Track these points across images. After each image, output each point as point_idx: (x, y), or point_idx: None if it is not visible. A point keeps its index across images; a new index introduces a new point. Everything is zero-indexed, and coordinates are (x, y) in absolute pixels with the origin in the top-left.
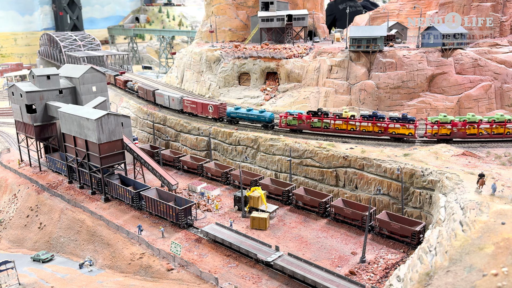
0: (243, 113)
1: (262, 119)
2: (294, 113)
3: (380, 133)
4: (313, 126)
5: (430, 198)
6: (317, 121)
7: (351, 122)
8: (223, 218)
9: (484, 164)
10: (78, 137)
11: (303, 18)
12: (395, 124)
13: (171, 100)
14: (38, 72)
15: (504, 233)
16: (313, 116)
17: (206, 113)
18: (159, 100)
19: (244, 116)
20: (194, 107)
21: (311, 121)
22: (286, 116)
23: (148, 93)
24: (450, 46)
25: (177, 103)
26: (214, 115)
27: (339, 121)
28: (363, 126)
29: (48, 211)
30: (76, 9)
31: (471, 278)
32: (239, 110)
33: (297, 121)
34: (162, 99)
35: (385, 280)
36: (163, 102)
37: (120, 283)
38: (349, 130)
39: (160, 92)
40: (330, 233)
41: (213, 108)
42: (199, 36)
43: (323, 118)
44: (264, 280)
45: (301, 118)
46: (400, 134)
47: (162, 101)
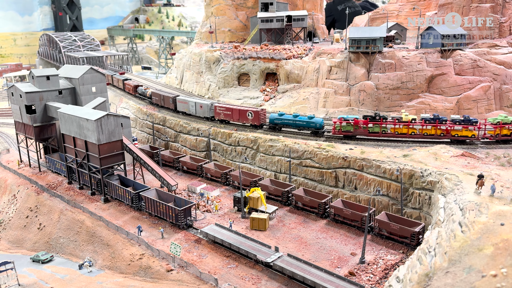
0: (289, 120)
1: (312, 125)
2: (349, 118)
3: (442, 136)
4: (370, 132)
5: (429, 199)
6: (375, 126)
7: (412, 126)
8: (222, 219)
9: (483, 165)
10: (77, 137)
11: (302, 19)
12: (457, 127)
13: (198, 107)
14: (37, 73)
15: (503, 234)
16: (371, 121)
17: (244, 120)
18: (182, 107)
19: (290, 122)
20: (229, 113)
21: (369, 126)
22: (340, 122)
23: (166, 99)
24: (449, 47)
25: (206, 110)
26: (254, 122)
27: (399, 125)
28: (425, 130)
29: (47, 212)
30: (76, 10)
31: (470, 279)
32: (284, 116)
33: (352, 126)
34: (185, 106)
35: (385, 281)
36: (187, 109)
37: (119, 284)
38: (409, 134)
39: (183, 99)
40: (329, 234)
41: (253, 115)
42: (199, 37)
43: (382, 122)
44: (263, 281)
45: (358, 123)
46: (463, 136)
47: (186, 108)
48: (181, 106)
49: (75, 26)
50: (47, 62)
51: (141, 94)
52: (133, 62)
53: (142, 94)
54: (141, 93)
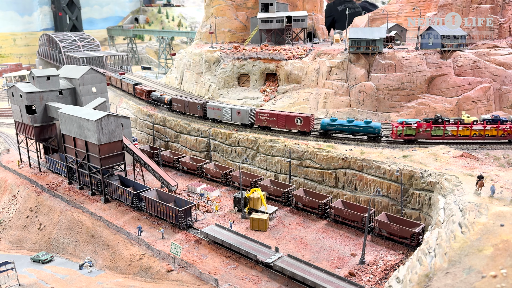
0: (343, 125)
1: (370, 130)
2: (411, 121)
3: (503, 136)
4: (433, 135)
5: (429, 200)
6: (437, 129)
7: (474, 127)
8: (223, 219)
9: (483, 165)
10: (78, 138)
11: (302, 20)
12: None
13: (234, 114)
14: (38, 73)
15: (503, 235)
16: (433, 124)
17: (292, 126)
18: (213, 114)
19: (345, 128)
20: (273, 120)
21: (431, 129)
22: (402, 126)
23: (192, 106)
24: (449, 48)
25: (245, 116)
26: (304, 128)
27: (462, 127)
28: (487, 131)
29: (47, 212)
30: (75, 10)
31: (470, 279)
32: (337, 121)
33: (415, 130)
34: (218, 113)
35: (385, 281)
36: (219, 116)
37: (120, 284)
38: (472, 136)
39: (216, 105)
40: (329, 234)
41: (303, 121)
42: (199, 37)
43: (445, 125)
44: (264, 281)
45: (421, 126)
46: None
47: (219, 115)
48: (212, 112)
49: (75, 26)
50: (47, 62)
51: (157, 100)
52: (133, 62)
53: (158, 101)
54: (156, 99)
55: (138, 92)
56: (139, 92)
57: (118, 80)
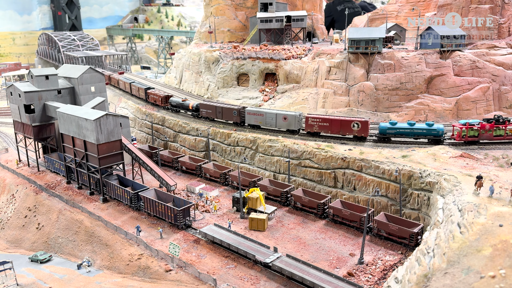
0: (405, 128)
1: (433, 133)
2: (474, 123)
3: None
4: (495, 135)
5: (428, 200)
6: (499, 129)
7: None
8: (221, 219)
9: (482, 166)
10: (76, 137)
11: (302, 19)
12: None
13: (280, 120)
14: (36, 72)
15: (501, 235)
16: (496, 124)
17: (347, 131)
18: (253, 120)
19: (407, 131)
20: (326, 125)
21: (493, 130)
22: (467, 128)
23: (226, 112)
24: (448, 48)
25: (293, 122)
26: (361, 133)
27: None
28: None
29: (46, 212)
30: (75, 9)
31: (469, 280)
32: (398, 125)
33: (478, 131)
34: (260, 119)
35: (383, 281)
36: (261, 123)
37: (118, 284)
38: None
39: (257, 110)
40: (328, 234)
41: (360, 125)
42: (198, 37)
43: (506, 124)
44: (262, 281)
45: (484, 127)
46: None
47: (260, 121)
48: (252, 118)
49: (74, 25)
50: (46, 62)
51: (177, 106)
52: (132, 62)
53: (180, 107)
54: (176, 105)
55: (152, 98)
56: (153, 98)
57: (127, 84)
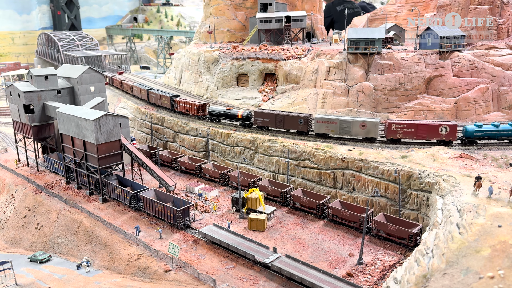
0: (491, 130)
1: None
2: None
3: None
4: None
5: (427, 200)
6: None
7: None
8: (221, 219)
9: (481, 166)
10: (76, 137)
11: (301, 20)
12: None
13: (357, 127)
14: (36, 72)
15: (500, 236)
16: None
17: (435, 136)
18: (323, 129)
19: (493, 133)
20: (411, 131)
21: None
22: None
23: (288, 121)
24: (447, 49)
25: (373, 129)
26: (449, 137)
27: None
28: None
29: (45, 212)
30: (74, 9)
31: (468, 280)
32: (483, 127)
33: None
34: (332, 127)
35: (382, 282)
36: (333, 131)
37: (117, 284)
38: None
39: (328, 118)
40: (327, 234)
41: (448, 129)
42: (198, 37)
43: None
44: (261, 282)
45: None
46: None
47: (333, 129)
48: (323, 127)
49: (74, 25)
50: (45, 61)
51: (221, 115)
52: (131, 62)
53: (223, 116)
54: (219, 114)
55: (182, 107)
56: (183, 107)
57: (143, 91)
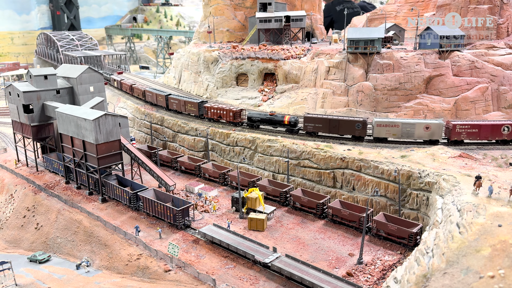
0: None
1: None
2: None
3: None
4: None
5: (427, 200)
6: None
7: None
8: (220, 219)
9: (481, 166)
10: (75, 137)
11: (301, 19)
12: None
13: (421, 129)
14: (35, 72)
15: (500, 236)
16: None
17: (497, 135)
18: (382, 133)
19: None
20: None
21: None
22: None
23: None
24: (447, 48)
25: (437, 131)
26: (510, 136)
27: None
28: None
29: (45, 212)
30: (73, 9)
31: (468, 280)
32: None
33: None
34: (394, 130)
35: (382, 281)
36: (395, 134)
37: (117, 284)
38: None
39: (389, 121)
40: (327, 234)
41: (510, 129)
42: (197, 37)
43: None
44: (261, 282)
45: None
46: None
47: (394, 132)
48: (383, 131)
49: (73, 25)
50: (45, 61)
51: (263, 121)
52: (131, 62)
53: (266, 121)
54: (261, 119)
55: (213, 113)
56: (215, 113)
57: (160, 97)
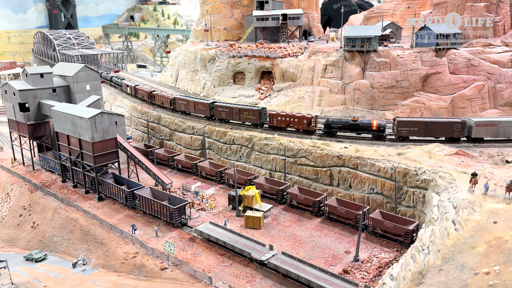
0: None
1: None
2: None
3: None
4: None
5: (423, 197)
6: None
7: None
8: (217, 217)
9: (477, 163)
10: (71, 135)
11: (298, 18)
12: None
13: None
14: (31, 70)
15: (496, 232)
16: None
17: None
18: (481, 133)
19: None
20: None
21: None
22: None
23: (442, 127)
24: (444, 46)
25: None
26: None
27: None
28: None
29: (41, 210)
30: (70, 7)
31: (463, 276)
32: None
33: None
34: (492, 130)
35: (379, 278)
36: (492, 134)
37: (113, 282)
38: None
39: (489, 121)
40: (324, 232)
41: None
42: (194, 35)
43: None
44: (258, 279)
45: None
46: None
47: (493, 132)
48: (482, 131)
49: (70, 24)
50: (42, 60)
51: (345, 127)
52: (128, 60)
53: (349, 128)
54: (344, 126)
55: (281, 121)
56: (283, 121)
57: (191, 102)
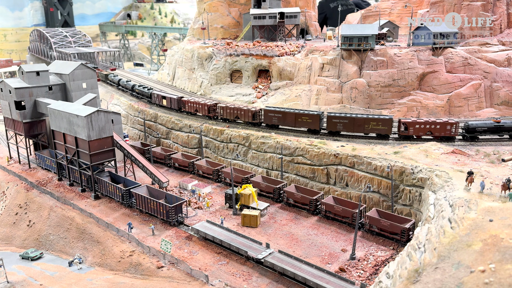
0: None
1: None
2: None
3: None
4: None
5: (419, 196)
6: None
7: None
8: (214, 216)
9: (473, 162)
10: (67, 134)
11: (295, 16)
12: None
13: None
14: (27, 68)
15: (491, 230)
16: None
17: None
18: None
19: None
20: None
21: None
22: None
23: None
24: (440, 45)
25: None
26: None
27: None
28: None
29: (37, 209)
30: (67, 5)
31: (459, 274)
32: None
33: None
34: None
35: (375, 276)
36: None
37: (109, 281)
38: None
39: None
40: (320, 230)
41: None
42: (191, 33)
43: None
44: (254, 277)
45: None
46: None
47: None
48: None
49: (67, 22)
50: (38, 58)
51: (489, 130)
52: (125, 59)
53: (492, 130)
54: (488, 128)
55: (418, 130)
56: (418, 129)
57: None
